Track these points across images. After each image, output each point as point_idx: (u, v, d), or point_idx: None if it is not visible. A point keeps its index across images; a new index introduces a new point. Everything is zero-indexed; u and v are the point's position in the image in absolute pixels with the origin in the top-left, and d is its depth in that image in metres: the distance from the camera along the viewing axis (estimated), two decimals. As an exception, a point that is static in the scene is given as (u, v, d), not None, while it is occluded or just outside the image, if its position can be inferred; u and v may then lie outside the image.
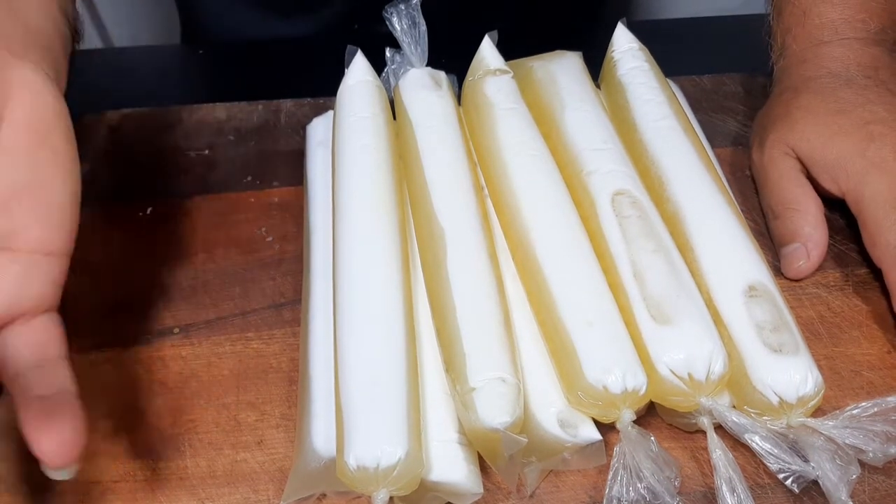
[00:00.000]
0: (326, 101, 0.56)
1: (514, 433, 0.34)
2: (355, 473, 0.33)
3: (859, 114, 0.45)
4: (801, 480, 0.36)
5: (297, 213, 0.49)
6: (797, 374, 0.36)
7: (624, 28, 0.52)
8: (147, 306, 0.45)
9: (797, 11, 0.50)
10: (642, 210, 0.42)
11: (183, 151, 0.54)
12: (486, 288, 0.39)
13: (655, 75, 0.49)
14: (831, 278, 0.45)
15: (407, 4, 0.48)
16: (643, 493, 0.34)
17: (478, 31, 0.51)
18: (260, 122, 0.56)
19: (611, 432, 0.37)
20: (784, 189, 0.46)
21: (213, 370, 0.42)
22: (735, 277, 0.39)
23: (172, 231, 0.48)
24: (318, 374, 0.39)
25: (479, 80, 0.49)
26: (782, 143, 0.47)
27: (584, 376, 0.36)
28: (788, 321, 0.38)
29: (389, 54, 0.51)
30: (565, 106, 0.47)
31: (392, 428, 0.34)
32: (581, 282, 0.39)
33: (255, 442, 0.39)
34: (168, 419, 0.40)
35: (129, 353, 0.42)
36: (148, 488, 0.37)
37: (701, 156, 0.45)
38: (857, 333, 0.42)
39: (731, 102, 0.56)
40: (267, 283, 0.46)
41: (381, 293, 0.39)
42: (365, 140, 0.46)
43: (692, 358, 0.36)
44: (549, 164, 0.44)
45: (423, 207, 0.43)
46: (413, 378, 0.37)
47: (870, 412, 0.36)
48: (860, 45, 0.48)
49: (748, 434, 0.36)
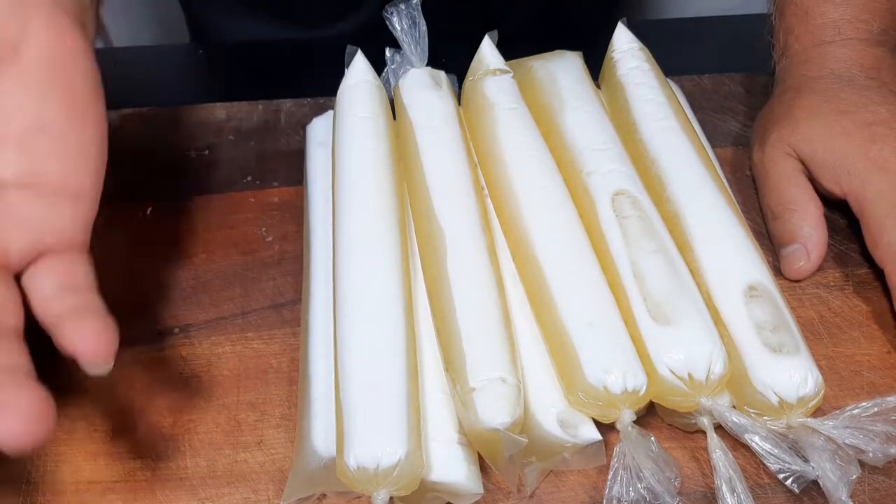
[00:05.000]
0: (326, 101, 0.56)
1: (514, 433, 0.34)
2: (355, 473, 0.33)
3: (862, 115, 0.45)
4: (801, 480, 0.36)
5: (297, 213, 0.49)
6: (797, 374, 0.36)
7: (624, 28, 0.52)
8: (147, 306, 0.45)
9: (799, 11, 0.50)
10: (642, 210, 0.42)
11: (183, 151, 0.54)
12: (486, 288, 0.39)
13: (655, 75, 0.49)
14: (831, 278, 0.45)
15: (407, 4, 0.48)
16: (643, 493, 0.34)
17: (478, 31, 0.51)
18: (260, 122, 0.56)
19: (611, 432, 0.37)
20: (784, 189, 0.46)
21: (213, 370, 0.42)
22: (735, 277, 0.39)
23: (172, 231, 0.48)
24: (318, 374, 0.39)
25: (479, 80, 0.49)
26: (784, 143, 0.47)
27: (584, 376, 0.36)
28: (788, 321, 0.38)
29: (389, 54, 0.51)
30: (565, 106, 0.47)
31: (392, 428, 0.34)
32: (581, 282, 0.39)
33: (255, 442, 0.39)
34: (168, 419, 0.40)
35: (129, 353, 0.42)
36: (148, 488, 0.37)
37: (701, 156, 0.45)
38: (858, 333, 0.42)
39: (731, 102, 0.56)
40: (267, 283, 0.46)
41: (381, 293, 0.39)
42: (365, 140, 0.46)
43: (692, 358, 0.36)
44: (549, 164, 0.44)
45: (423, 207, 0.43)
46: (413, 378, 0.37)
47: (870, 412, 0.36)
48: (863, 46, 0.48)
49: (748, 434, 0.36)
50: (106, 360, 0.30)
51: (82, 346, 0.30)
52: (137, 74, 0.51)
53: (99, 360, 0.30)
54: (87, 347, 0.30)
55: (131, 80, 0.49)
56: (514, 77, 0.49)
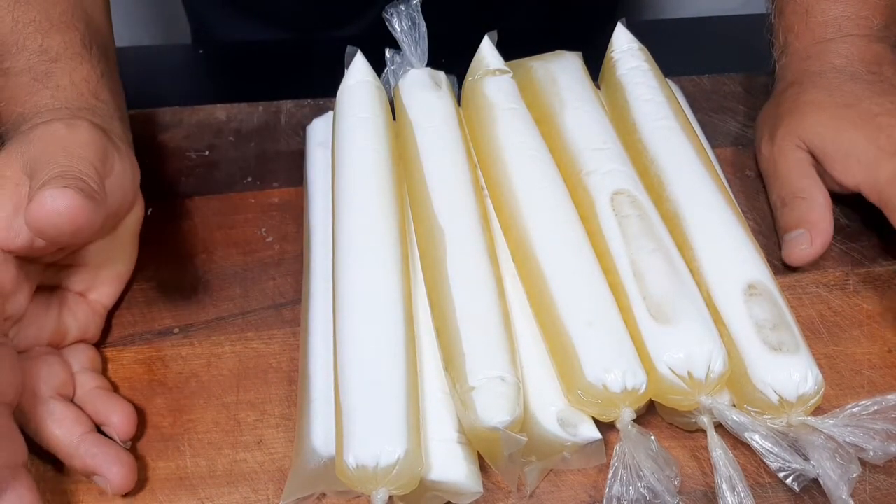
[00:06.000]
0: (326, 101, 0.56)
1: (513, 432, 0.34)
2: (355, 473, 0.33)
3: (867, 106, 0.45)
4: (801, 479, 0.36)
5: (297, 213, 0.49)
6: (797, 372, 0.36)
7: (624, 28, 0.52)
8: (147, 306, 0.45)
9: (799, 9, 0.51)
10: (642, 209, 0.42)
11: (183, 152, 0.54)
12: (486, 287, 0.39)
13: (655, 75, 0.49)
14: (831, 277, 0.45)
15: (407, 5, 0.48)
16: (643, 492, 0.34)
17: (478, 31, 0.51)
18: (260, 123, 0.56)
19: (611, 431, 0.37)
20: (794, 180, 0.46)
21: (213, 370, 0.42)
22: (735, 276, 0.39)
23: (172, 231, 0.48)
24: (317, 373, 0.39)
25: (479, 80, 0.49)
26: (793, 135, 0.47)
27: (583, 375, 0.36)
28: (788, 320, 0.38)
29: (389, 55, 0.51)
30: (565, 106, 0.47)
31: (391, 427, 0.34)
32: (581, 281, 0.39)
33: (255, 442, 0.39)
34: (168, 419, 0.40)
35: (129, 353, 0.42)
36: (148, 488, 0.37)
37: (700, 155, 0.45)
38: (858, 332, 0.42)
39: (731, 102, 0.56)
40: (267, 283, 0.46)
41: (381, 293, 0.39)
42: (365, 140, 0.46)
43: (692, 357, 0.36)
44: (548, 163, 0.44)
45: (423, 207, 0.43)
46: (412, 377, 0.37)
47: (870, 410, 0.36)
48: (864, 42, 0.48)
49: (748, 433, 0.36)
50: (132, 438, 0.39)
51: (117, 426, 0.38)
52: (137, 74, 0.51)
53: (128, 438, 0.38)
54: (120, 427, 0.38)
55: (131, 80, 0.49)
56: (513, 77, 0.49)
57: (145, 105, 0.56)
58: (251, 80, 0.63)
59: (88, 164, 0.37)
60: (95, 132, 0.39)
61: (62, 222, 0.33)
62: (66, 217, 0.33)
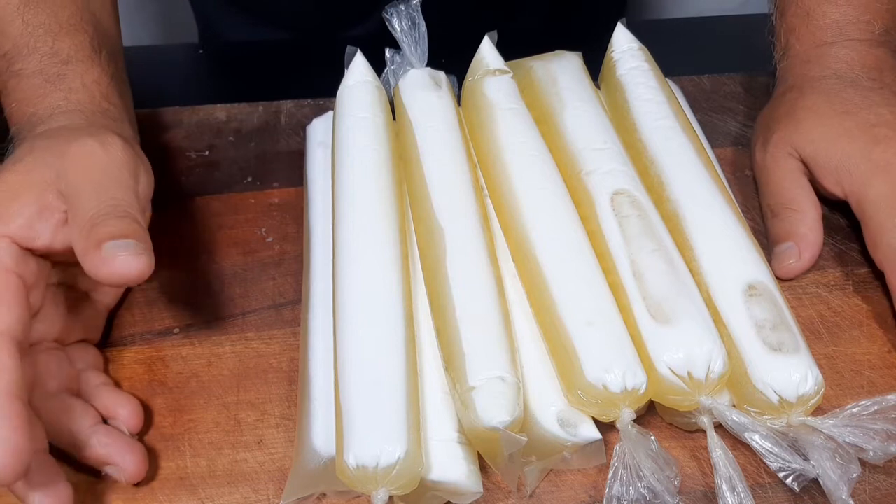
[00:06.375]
0: (326, 101, 0.56)
1: (513, 432, 0.34)
2: (355, 473, 0.33)
3: (864, 116, 0.45)
4: (801, 479, 0.36)
5: (297, 213, 0.49)
6: (797, 372, 0.36)
7: (624, 28, 0.52)
8: (147, 306, 0.45)
9: (801, 11, 0.50)
10: (642, 209, 0.42)
11: (183, 152, 0.54)
12: (486, 288, 0.39)
13: (655, 75, 0.49)
14: (831, 278, 0.45)
15: (407, 5, 0.48)
16: (643, 492, 0.34)
17: (478, 31, 0.51)
18: (260, 123, 0.56)
19: (611, 431, 0.37)
20: (785, 189, 0.46)
21: (213, 370, 0.42)
22: (735, 276, 0.39)
23: (172, 231, 0.48)
24: (317, 374, 0.39)
25: (479, 80, 0.49)
26: (786, 143, 0.47)
27: (583, 375, 0.36)
28: (788, 320, 0.38)
29: (389, 55, 0.51)
30: (565, 106, 0.47)
31: (391, 427, 0.34)
32: (581, 281, 0.39)
33: (255, 442, 0.39)
34: (168, 419, 0.40)
35: (129, 353, 0.42)
36: (148, 488, 0.37)
37: (700, 155, 0.45)
38: (858, 333, 0.42)
39: (731, 102, 0.56)
40: (267, 283, 0.46)
41: (381, 293, 0.39)
42: (365, 140, 0.46)
43: (692, 357, 0.36)
44: (548, 163, 0.44)
45: (423, 207, 0.43)
46: (412, 377, 0.37)
47: (870, 411, 0.36)
48: (865, 47, 0.48)
49: (748, 433, 0.36)
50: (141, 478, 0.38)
51: (127, 470, 0.37)
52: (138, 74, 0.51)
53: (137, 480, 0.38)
54: (130, 471, 0.37)
55: (131, 80, 0.49)
56: (513, 77, 0.49)
57: (145, 105, 0.56)
58: (251, 80, 0.63)
59: (131, 192, 0.38)
60: (127, 149, 0.40)
61: (128, 280, 0.35)
62: (133, 277, 0.35)
